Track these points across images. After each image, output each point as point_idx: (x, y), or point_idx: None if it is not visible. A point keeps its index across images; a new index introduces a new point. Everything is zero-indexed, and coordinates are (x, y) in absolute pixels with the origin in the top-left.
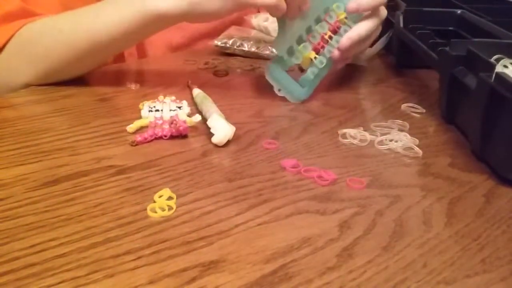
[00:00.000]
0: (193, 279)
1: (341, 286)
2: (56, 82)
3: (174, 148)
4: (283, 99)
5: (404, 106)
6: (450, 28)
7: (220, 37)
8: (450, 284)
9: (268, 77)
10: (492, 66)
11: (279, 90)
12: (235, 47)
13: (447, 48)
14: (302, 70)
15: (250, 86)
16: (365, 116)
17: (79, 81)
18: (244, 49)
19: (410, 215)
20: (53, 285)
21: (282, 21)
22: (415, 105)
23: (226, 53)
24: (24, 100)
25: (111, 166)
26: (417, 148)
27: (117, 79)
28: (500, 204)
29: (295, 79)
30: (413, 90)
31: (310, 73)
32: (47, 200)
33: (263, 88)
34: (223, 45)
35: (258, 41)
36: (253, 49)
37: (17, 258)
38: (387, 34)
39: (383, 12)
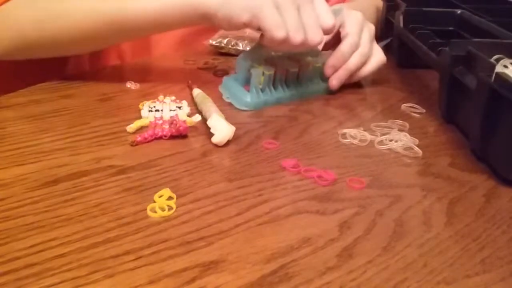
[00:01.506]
0: (193, 279)
1: (341, 286)
2: (56, 81)
3: (174, 148)
4: None
5: (404, 106)
6: (450, 28)
7: (215, 36)
8: (450, 284)
9: (220, 88)
10: (492, 66)
11: (227, 97)
12: (229, 46)
13: (447, 48)
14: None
15: None
16: (365, 116)
17: (79, 81)
18: (238, 48)
19: (410, 215)
20: (53, 285)
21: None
22: (415, 105)
23: (221, 52)
24: (24, 100)
25: (111, 166)
26: (417, 148)
27: (117, 79)
28: (500, 204)
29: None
30: (413, 90)
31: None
32: (47, 200)
33: None
34: (217, 44)
35: (252, 40)
36: (248, 48)
37: (17, 258)
38: (385, 42)
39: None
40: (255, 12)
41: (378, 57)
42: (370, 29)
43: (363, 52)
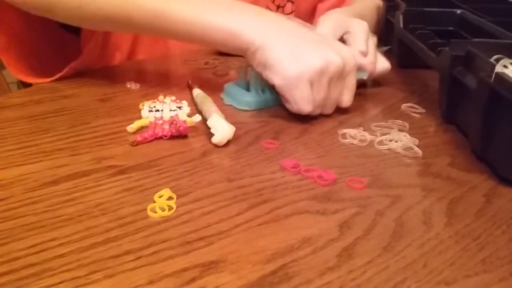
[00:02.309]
0: (193, 279)
1: (341, 286)
2: (56, 81)
3: (174, 148)
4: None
5: (404, 106)
6: (450, 28)
7: None
8: (450, 284)
9: (222, 95)
10: (492, 66)
11: (229, 102)
12: None
13: (447, 48)
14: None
15: None
16: (365, 116)
17: (79, 81)
18: None
19: (410, 215)
20: (53, 285)
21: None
22: (415, 105)
23: (221, 52)
24: (24, 100)
25: (111, 166)
26: (417, 148)
27: (117, 79)
28: (500, 204)
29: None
30: (413, 90)
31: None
32: (47, 200)
33: None
34: None
35: None
36: None
37: (17, 258)
38: (385, 48)
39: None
40: (289, 83)
41: (382, 64)
42: (374, 39)
43: (371, 61)
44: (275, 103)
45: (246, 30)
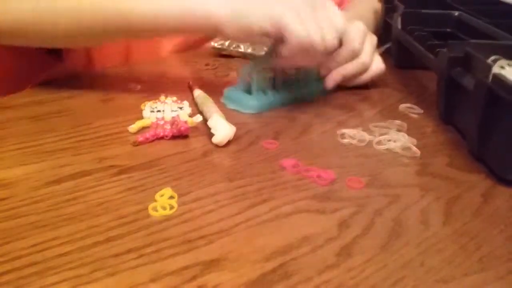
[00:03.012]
0: (194, 277)
1: (340, 284)
2: (58, 82)
3: (175, 148)
4: None
5: (402, 106)
6: (448, 29)
7: (217, 38)
8: (448, 282)
9: (222, 99)
10: (489, 67)
11: (231, 106)
12: (231, 48)
13: (444, 50)
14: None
15: None
16: (364, 116)
17: (81, 82)
18: (240, 50)
19: (408, 214)
20: (55, 283)
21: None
22: (413, 106)
23: (222, 54)
24: (27, 101)
25: (113, 166)
26: (415, 148)
27: (119, 80)
28: (497, 203)
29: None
30: (411, 90)
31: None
32: (49, 200)
33: None
34: (220, 46)
35: (253, 43)
36: (249, 50)
37: (19, 257)
38: (384, 47)
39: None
40: (277, 20)
41: (377, 65)
42: (372, 40)
43: (365, 62)
44: (278, 105)
45: (212, 5)
